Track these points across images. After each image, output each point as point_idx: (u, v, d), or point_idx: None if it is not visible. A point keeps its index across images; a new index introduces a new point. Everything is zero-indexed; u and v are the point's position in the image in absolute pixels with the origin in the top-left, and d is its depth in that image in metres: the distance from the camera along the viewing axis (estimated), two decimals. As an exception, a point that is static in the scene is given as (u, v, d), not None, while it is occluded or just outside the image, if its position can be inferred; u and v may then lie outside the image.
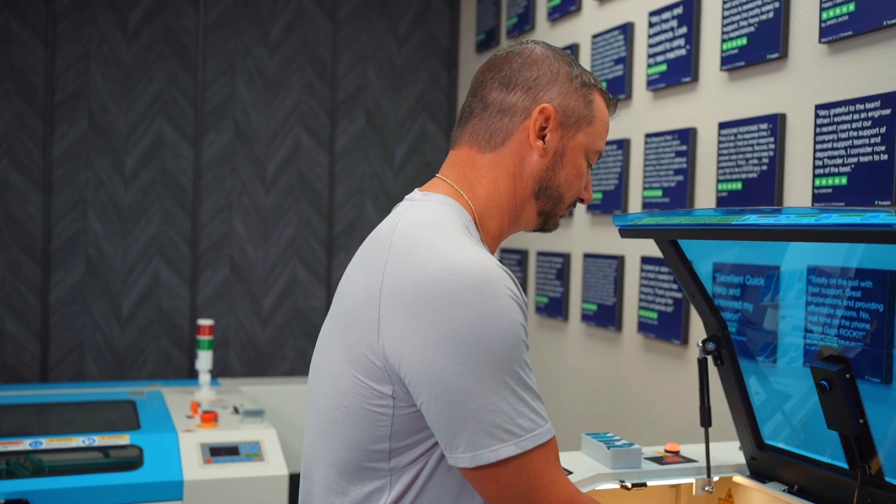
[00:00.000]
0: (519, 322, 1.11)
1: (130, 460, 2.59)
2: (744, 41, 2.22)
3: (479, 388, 1.07)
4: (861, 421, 1.45)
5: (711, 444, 1.77)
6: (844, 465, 1.54)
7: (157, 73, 3.78)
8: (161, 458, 2.58)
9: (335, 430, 1.19)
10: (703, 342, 1.72)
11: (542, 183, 1.28)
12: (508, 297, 1.10)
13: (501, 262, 1.17)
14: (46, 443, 2.56)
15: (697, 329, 2.41)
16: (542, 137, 1.26)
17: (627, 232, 1.70)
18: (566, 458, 1.78)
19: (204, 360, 3.24)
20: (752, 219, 1.40)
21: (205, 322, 3.27)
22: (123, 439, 2.66)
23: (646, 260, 2.63)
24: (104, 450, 2.67)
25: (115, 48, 3.72)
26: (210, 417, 2.82)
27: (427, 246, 1.13)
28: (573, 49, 3.06)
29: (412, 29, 4.13)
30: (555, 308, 3.16)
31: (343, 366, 1.18)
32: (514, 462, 1.08)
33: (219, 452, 2.65)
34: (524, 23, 3.46)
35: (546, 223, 1.33)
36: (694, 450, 1.87)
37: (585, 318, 2.96)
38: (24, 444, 2.54)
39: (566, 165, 1.28)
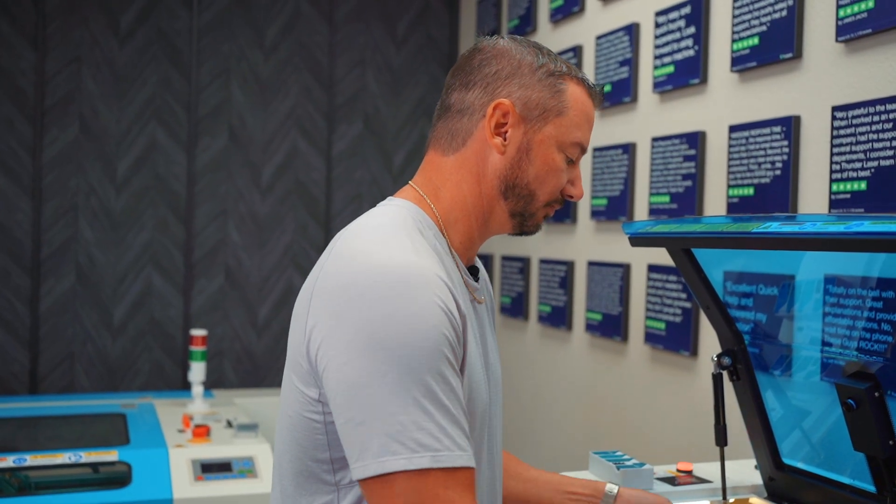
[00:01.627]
0: (440, 331, 1.03)
1: (119, 477, 2.50)
2: (755, 41, 2.13)
3: (381, 391, 1.00)
4: (891, 442, 1.36)
5: (726, 463, 1.68)
6: (871, 489, 1.45)
7: (150, 77, 3.69)
8: (150, 475, 2.49)
9: (283, 439, 1.16)
10: (719, 357, 1.63)
11: (507, 181, 1.22)
12: (433, 304, 1.04)
13: (503, 270, 1.11)
14: (31, 459, 2.47)
15: (707, 340, 2.32)
16: (503, 134, 1.21)
17: (638, 240, 1.61)
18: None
19: (197, 371, 3.15)
20: (773, 227, 1.31)
21: (198, 332, 3.18)
22: (112, 455, 2.56)
23: (653, 268, 2.54)
24: (93, 466, 2.58)
25: (107, 51, 3.64)
26: (202, 432, 2.72)
27: (359, 248, 1.09)
28: (576, 51, 2.98)
29: (411, 31, 4.05)
30: (558, 317, 3.07)
31: (287, 372, 1.15)
32: (404, 479, 0.99)
33: (210, 469, 2.56)
34: (526, 24, 3.37)
35: (524, 224, 1.26)
36: (707, 469, 1.78)
37: (590, 327, 2.87)
38: (8, 461, 2.45)
39: (534, 161, 1.22)
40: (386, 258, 1.06)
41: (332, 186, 3.94)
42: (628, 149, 2.67)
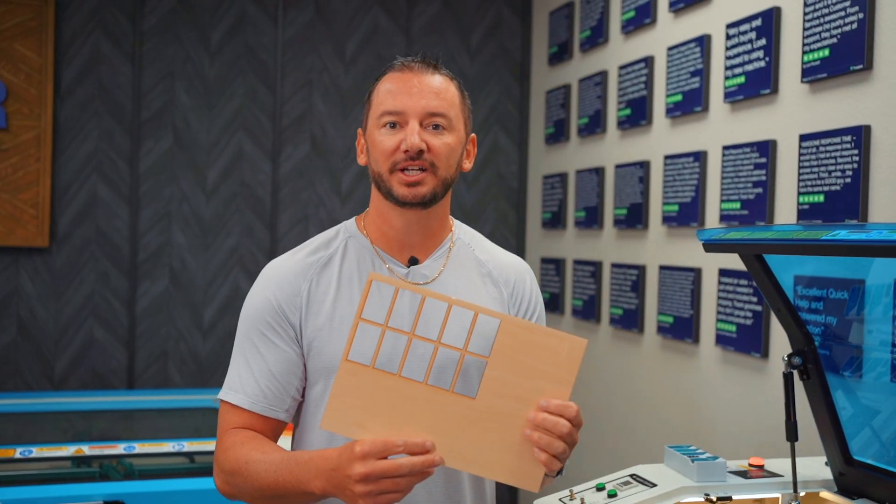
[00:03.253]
0: (255, 303, 1.52)
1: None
2: (826, 52, 2.20)
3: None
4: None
5: (797, 459, 1.76)
6: (938, 483, 1.52)
7: (238, 89, 3.90)
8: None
9: None
10: (789, 356, 1.72)
11: (372, 177, 1.54)
12: (261, 285, 1.54)
13: (575, 274, 1.25)
14: (139, 447, 2.66)
15: (778, 342, 2.39)
16: (364, 151, 1.58)
17: (712, 246, 1.71)
18: (649, 471, 1.79)
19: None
20: (842, 234, 1.40)
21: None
22: (209, 445, 2.74)
23: (724, 272, 2.62)
24: (190, 455, 2.77)
25: (198, 66, 3.85)
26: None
27: None
28: (648, 62, 3.07)
29: (485, 42, 4.18)
30: (629, 320, 3.16)
31: None
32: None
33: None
34: (597, 35, 3.47)
35: (389, 196, 1.51)
36: (778, 464, 1.87)
37: (661, 330, 2.95)
38: (119, 448, 2.65)
39: (371, 152, 1.53)
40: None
41: (409, 193, 4.09)
42: (699, 157, 2.75)
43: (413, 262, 1.56)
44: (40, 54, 3.64)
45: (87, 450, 2.62)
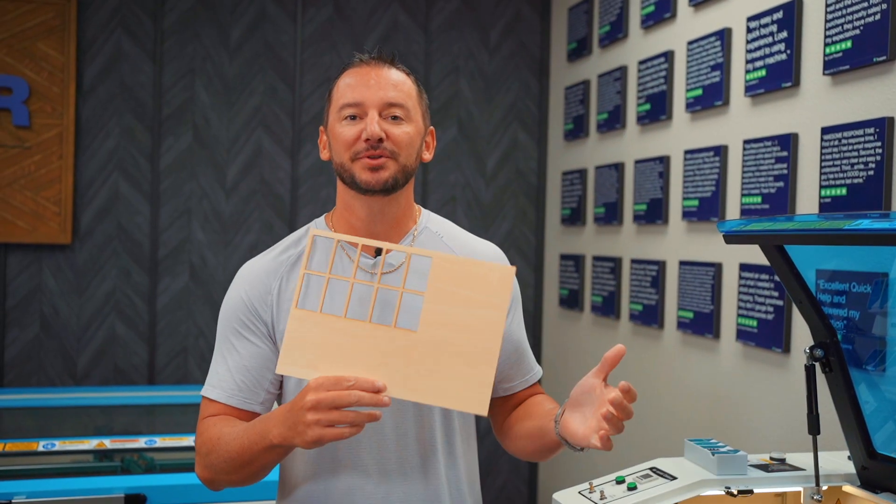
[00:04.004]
0: (229, 303, 1.61)
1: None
2: (848, 44, 2.19)
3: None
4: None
5: (819, 453, 1.75)
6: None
7: (258, 87, 3.91)
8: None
9: None
10: (811, 349, 1.70)
11: (336, 170, 1.60)
12: (236, 285, 1.62)
13: (594, 270, 1.27)
14: (160, 441, 2.68)
15: (799, 337, 2.37)
16: (326, 147, 1.64)
17: (733, 238, 1.70)
18: (669, 464, 1.78)
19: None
20: (864, 224, 1.38)
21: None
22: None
23: (744, 267, 2.60)
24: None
25: (218, 63, 3.87)
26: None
27: None
28: (667, 56, 3.05)
29: (503, 38, 4.17)
30: (649, 316, 3.15)
31: None
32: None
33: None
34: (617, 31, 3.46)
35: (353, 184, 1.57)
36: (800, 458, 1.85)
37: (681, 325, 2.93)
38: (140, 443, 2.67)
39: (333, 144, 1.59)
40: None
41: (428, 189, 4.09)
42: (719, 151, 2.74)
43: (379, 252, 1.60)
44: (63, 53, 3.67)
45: (108, 443, 2.64)
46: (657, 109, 3.13)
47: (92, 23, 3.75)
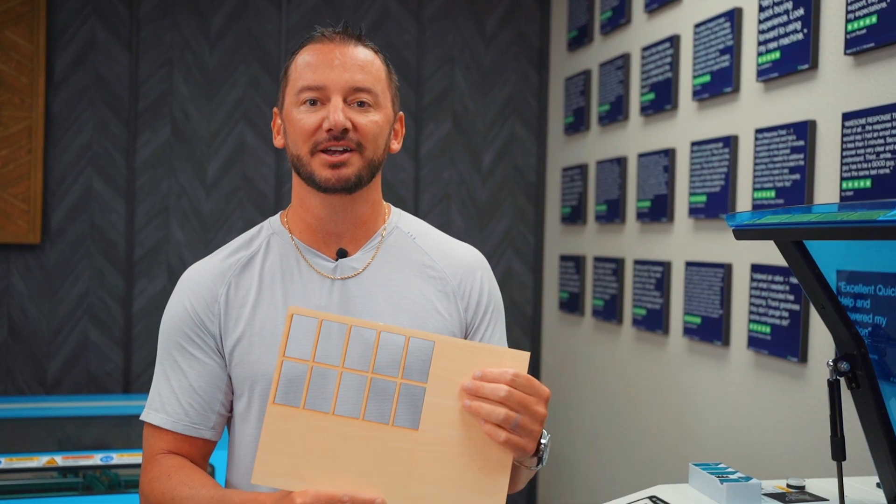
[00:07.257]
0: (171, 314, 1.41)
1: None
2: (874, 19, 1.96)
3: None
4: None
5: (844, 479, 1.52)
6: None
7: (240, 78, 3.71)
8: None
9: None
10: (835, 362, 1.48)
11: (290, 160, 1.41)
12: (179, 292, 1.42)
13: (595, 272, 1.05)
14: (117, 458, 2.48)
15: (818, 345, 2.15)
16: (280, 132, 1.44)
17: (744, 233, 1.48)
18: (671, 492, 1.56)
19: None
20: (903, 214, 1.16)
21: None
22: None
23: (756, 268, 2.38)
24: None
25: (198, 53, 3.67)
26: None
27: None
28: (673, 41, 2.83)
29: (500, 28, 3.96)
30: (654, 321, 2.93)
31: None
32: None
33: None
34: (619, 16, 3.24)
35: (311, 181, 1.37)
36: (822, 485, 1.63)
37: (688, 331, 2.71)
38: (96, 459, 2.46)
39: (289, 131, 1.39)
40: None
41: (420, 186, 3.88)
42: (729, 142, 2.52)
43: (342, 254, 1.42)
44: (32, 41, 3.47)
45: (60, 460, 2.44)
46: (662, 98, 2.91)
47: (63, 9, 3.55)
